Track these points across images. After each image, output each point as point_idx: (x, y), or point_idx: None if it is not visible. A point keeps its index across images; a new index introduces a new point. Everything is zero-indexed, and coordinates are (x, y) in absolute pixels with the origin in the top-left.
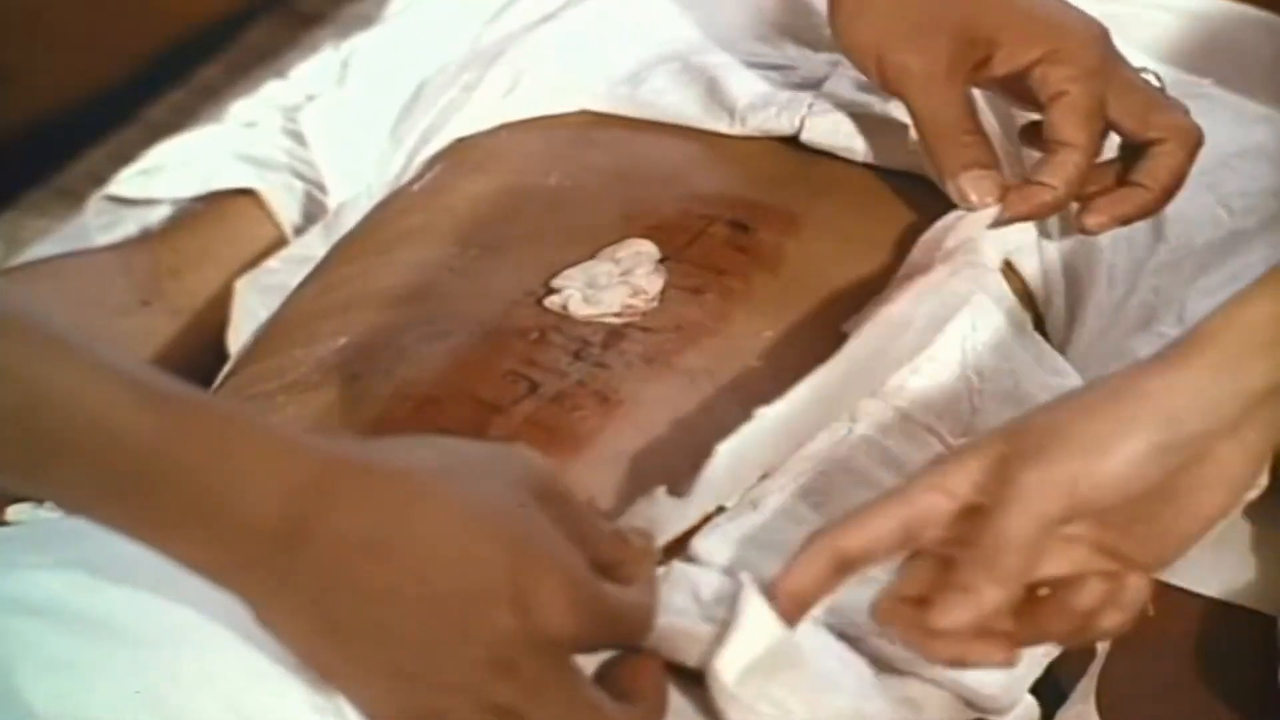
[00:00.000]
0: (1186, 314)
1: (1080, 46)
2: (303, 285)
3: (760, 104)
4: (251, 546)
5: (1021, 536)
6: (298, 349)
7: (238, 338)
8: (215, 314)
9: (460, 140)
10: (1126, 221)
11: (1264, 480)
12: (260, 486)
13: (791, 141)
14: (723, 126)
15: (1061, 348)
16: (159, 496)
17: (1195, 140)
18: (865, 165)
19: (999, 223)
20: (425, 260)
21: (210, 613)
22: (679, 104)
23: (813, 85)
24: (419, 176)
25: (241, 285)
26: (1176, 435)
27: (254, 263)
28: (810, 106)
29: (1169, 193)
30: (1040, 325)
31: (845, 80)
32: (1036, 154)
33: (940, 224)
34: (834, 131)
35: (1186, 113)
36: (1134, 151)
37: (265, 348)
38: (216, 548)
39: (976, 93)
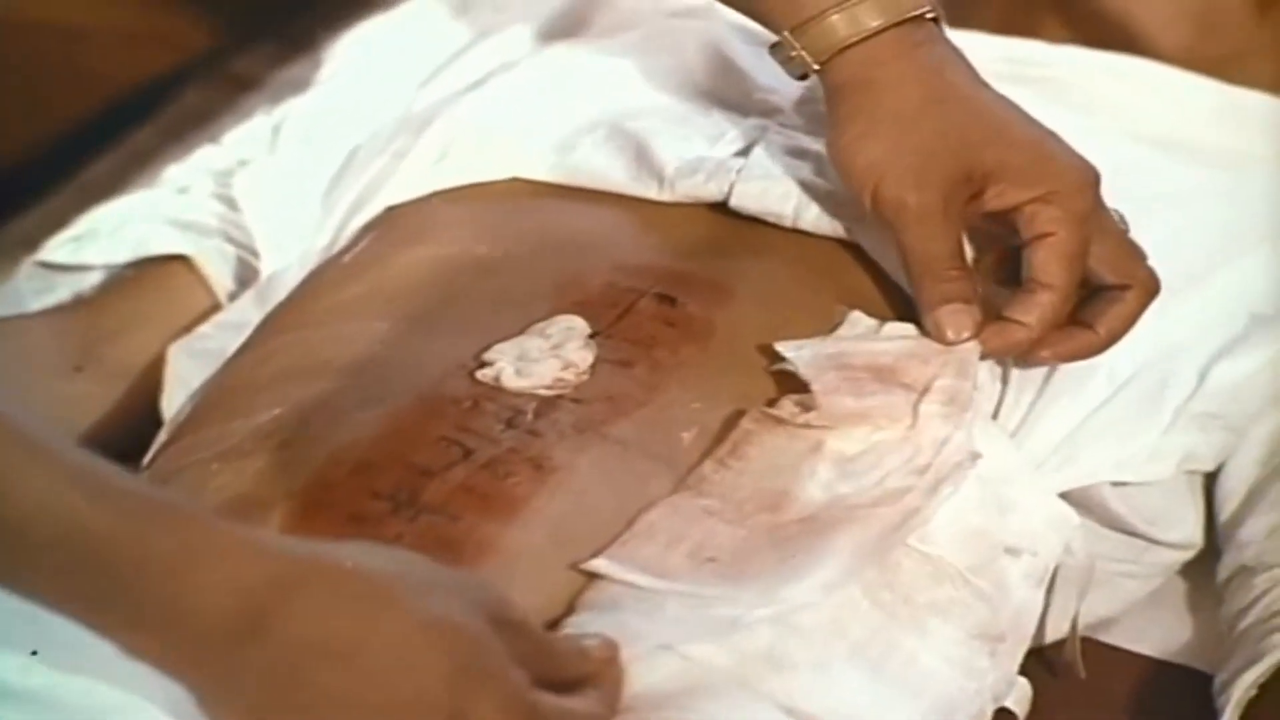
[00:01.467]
0: (1118, 376)
1: (1074, 191)
2: (238, 355)
3: (689, 170)
4: (205, 643)
5: None
6: (235, 420)
7: (171, 404)
8: (149, 380)
9: (391, 209)
10: (1068, 360)
11: (1199, 540)
12: (218, 586)
13: (721, 207)
14: (652, 193)
15: (994, 413)
16: (115, 593)
17: (1153, 292)
18: (795, 230)
19: (981, 353)
20: (359, 333)
21: (149, 696)
22: (608, 170)
23: (742, 151)
24: (351, 245)
25: (174, 351)
26: None
27: (187, 328)
28: (739, 172)
29: (1116, 339)
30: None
31: (774, 145)
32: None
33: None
34: (762, 197)
35: (1146, 259)
36: (1094, 291)
37: (202, 418)
38: (170, 643)
39: None
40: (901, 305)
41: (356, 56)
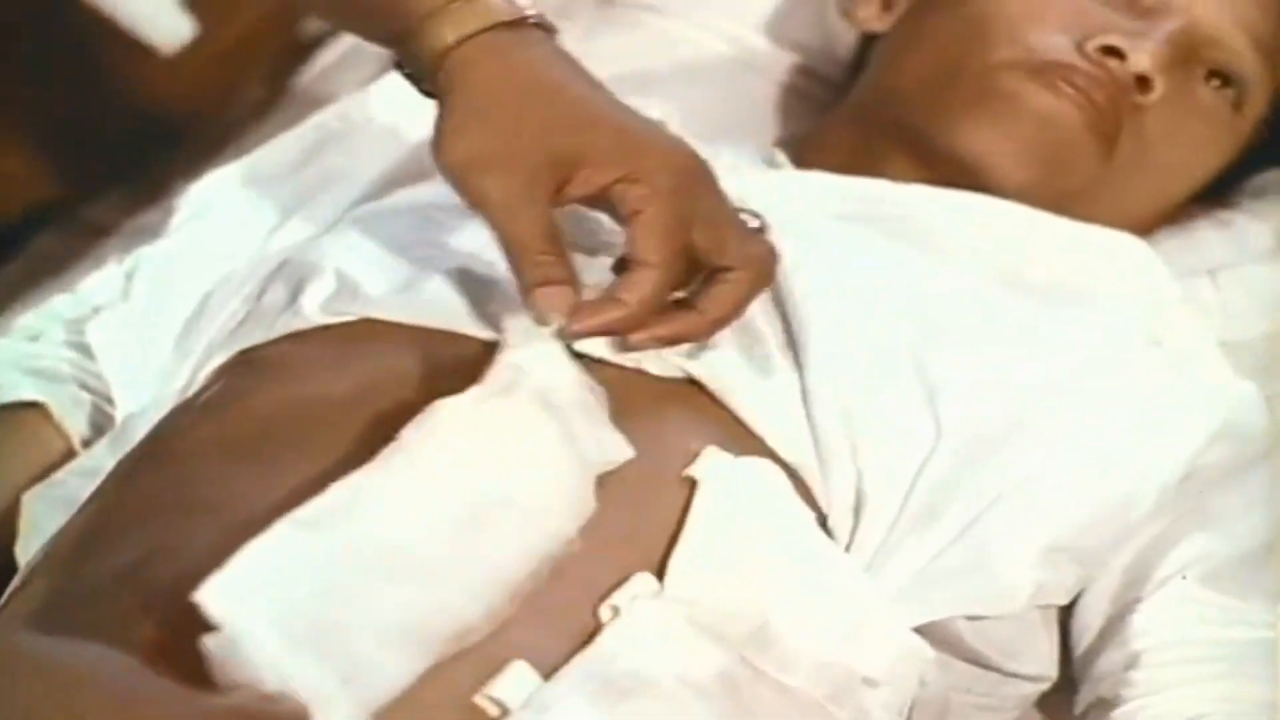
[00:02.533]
0: (969, 512)
1: (658, 168)
2: (93, 499)
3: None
4: None
5: None
6: (91, 564)
7: (26, 550)
8: (3, 528)
9: (245, 351)
10: (668, 343)
11: (1054, 672)
12: None
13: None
14: (496, 334)
15: (848, 546)
16: None
17: (763, 274)
18: (639, 371)
19: (566, 336)
20: (213, 475)
21: None
22: (456, 310)
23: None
24: (206, 388)
25: (29, 498)
26: None
27: (42, 475)
28: None
29: (721, 321)
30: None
31: None
32: None
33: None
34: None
35: (771, 250)
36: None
37: (57, 564)
38: None
39: None
40: (753, 441)
41: (208, 203)
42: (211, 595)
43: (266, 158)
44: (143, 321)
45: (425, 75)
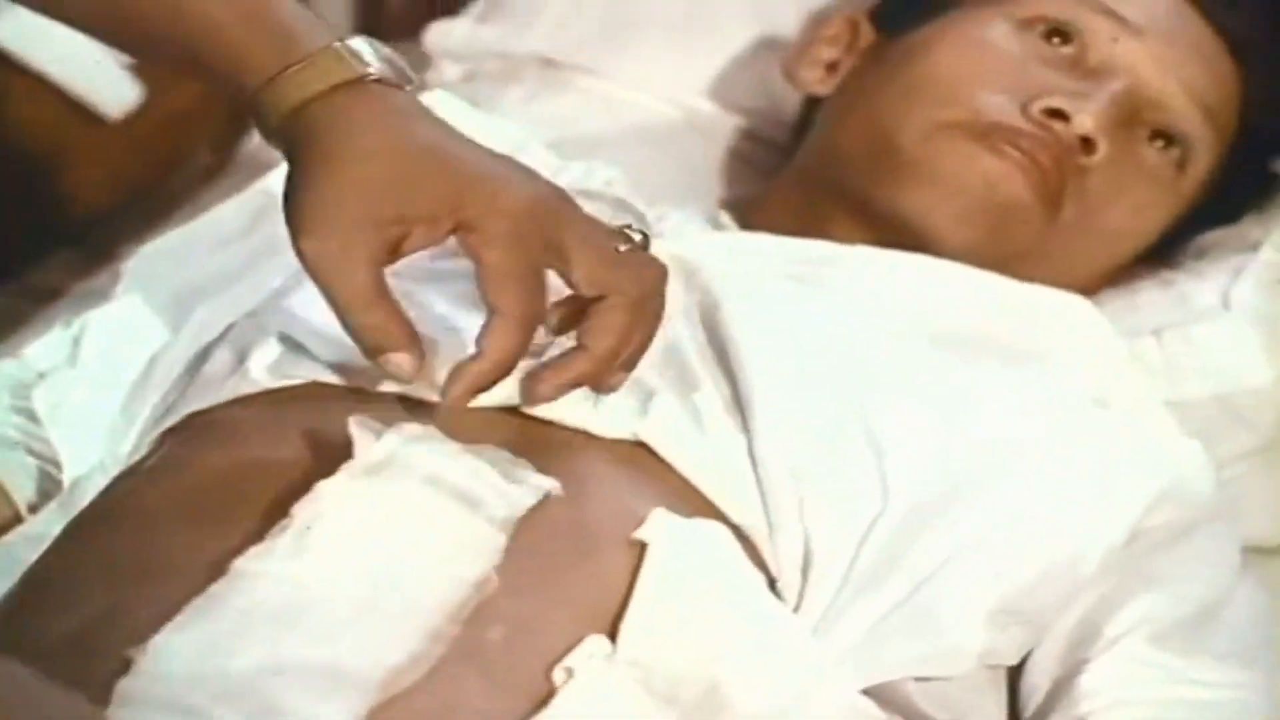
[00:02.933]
0: (917, 574)
1: (487, 213)
2: (40, 561)
3: None
4: None
5: None
6: (39, 626)
7: None
8: None
9: (193, 415)
10: (566, 389)
11: None
12: None
13: (516, 409)
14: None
15: (796, 608)
16: None
17: (635, 296)
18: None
19: (449, 404)
20: (164, 539)
21: None
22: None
23: (534, 353)
24: (153, 452)
25: None
26: None
27: None
28: (527, 375)
29: (611, 352)
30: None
31: (564, 348)
32: None
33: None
34: (555, 400)
35: (651, 263)
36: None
37: (5, 626)
38: None
39: None
40: (702, 502)
41: (155, 267)
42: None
43: (213, 222)
44: (90, 385)
45: (274, 138)
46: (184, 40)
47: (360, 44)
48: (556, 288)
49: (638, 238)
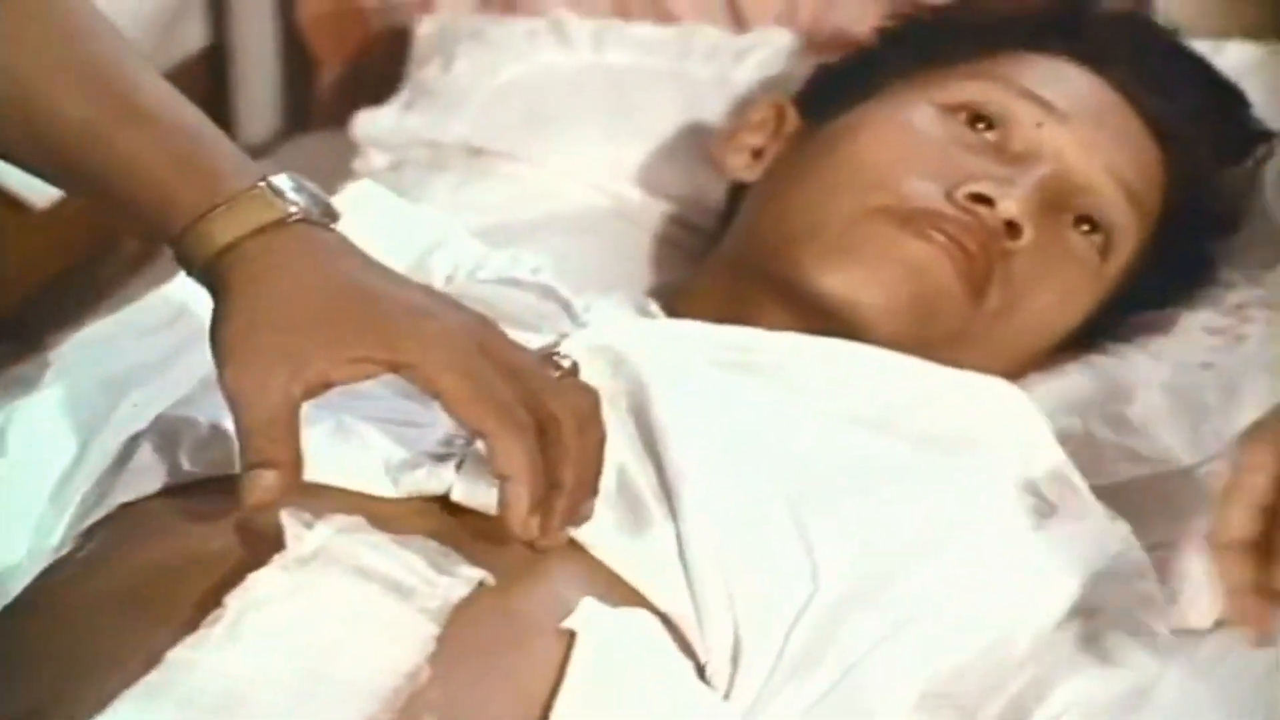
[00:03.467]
0: (846, 659)
1: (422, 346)
2: None
3: (411, 464)
4: None
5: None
6: None
7: None
8: None
9: (123, 506)
10: (565, 525)
11: None
12: None
13: (448, 500)
14: (377, 488)
15: (726, 694)
16: None
17: (584, 420)
18: None
19: (539, 547)
20: (96, 630)
21: None
22: (332, 462)
23: (465, 442)
24: (82, 544)
25: None
26: None
27: None
28: (460, 464)
29: (583, 482)
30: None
31: None
32: None
33: None
34: (484, 490)
35: (585, 391)
36: None
37: None
38: None
39: None
40: (631, 591)
41: (84, 356)
42: None
43: (142, 311)
44: (17, 476)
45: (198, 276)
46: (109, 176)
47: (284, 181)
48: None
49: (566, 363)
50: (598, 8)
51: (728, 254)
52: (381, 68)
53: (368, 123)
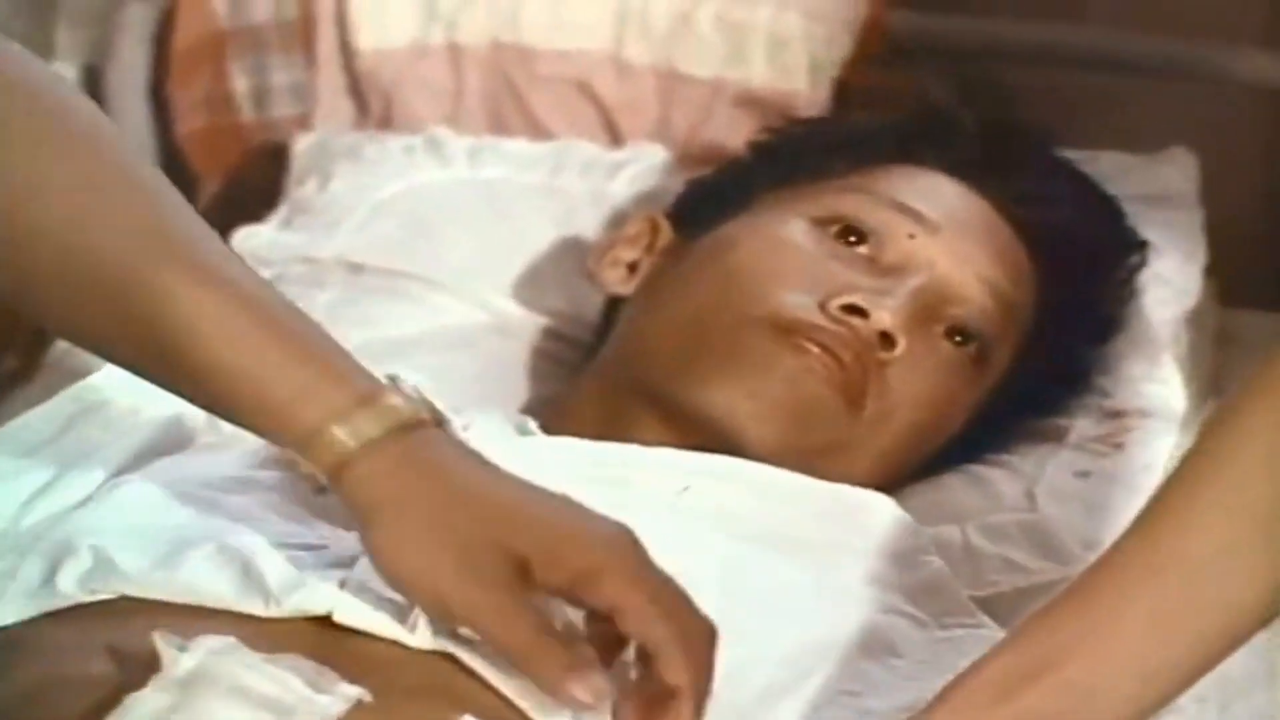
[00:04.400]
0: None
1: (610, 554)
2: None
3: (293, 584)
4: None
5: None
6: None
7: None
8: None
9: (1, 630)
10: None
11: None
12: None
13: (330, 620)
14: (258, 609)
15: None
16: None
17: (695, 646)
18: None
19: None
20: None
21: None
22: (215, 586)
23: (345, 564)
24: None
25: None
26: None
27: None
28: (342, 585)
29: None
30: None
31: None
32: None
33: None
34: (367, 611)
35: (702, 622)
36: None
37: None
38: None
39: None
40: (512, 710)
41: None
42: None
43: (21, 429)
44: None
45: (322, 479)
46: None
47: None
48: None
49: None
50: (474, 124)
51: (604, 368)
52: (260, 184)
53: (246, 239)
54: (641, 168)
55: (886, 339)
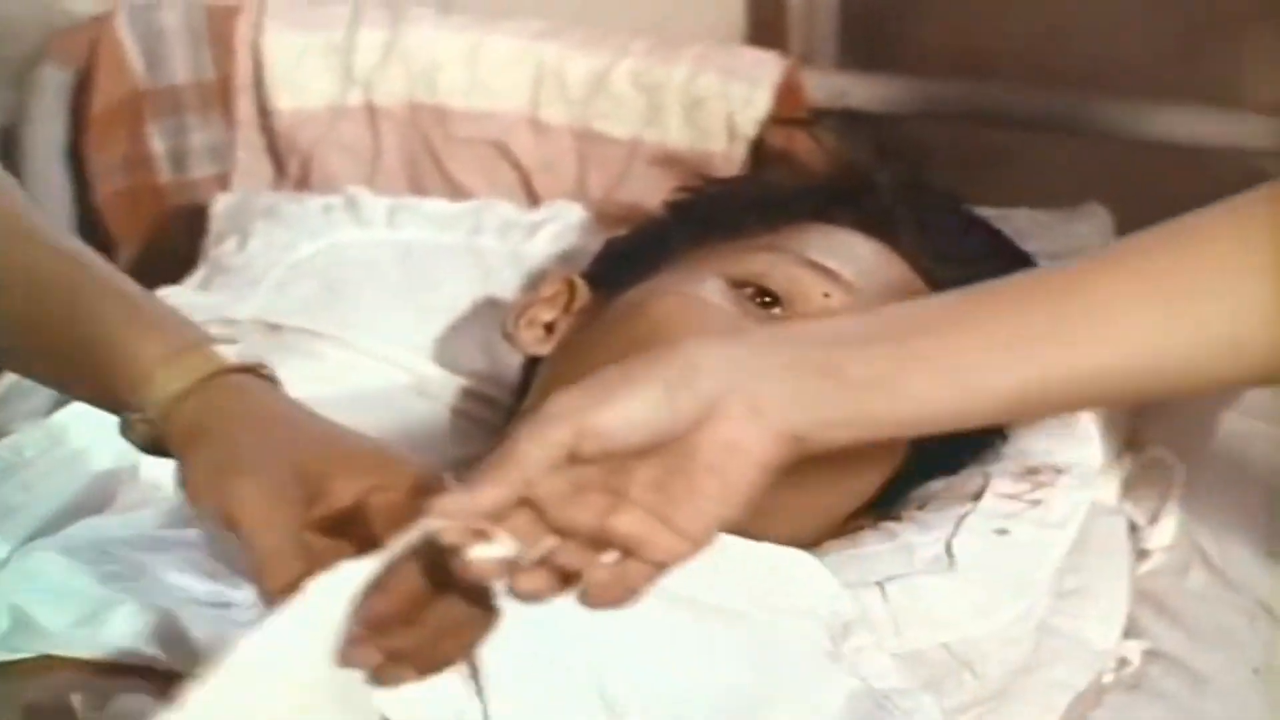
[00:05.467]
0: None
1: (404, 474)
2: None
3: (216, 643)
4: None
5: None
6: None
7: None
8: None
9: None
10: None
11: None
12: None
13: None
14: (181, 665)
15: None
16: None
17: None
18: None
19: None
20: None
21: None
22: (138, 645)
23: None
24: None
25: None
26: (689, 383)
27: None
28: None
29: None
30: None
31: None
32: None
33: None
34: None
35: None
36: None
37: None
38: None
39: None
40: None
41: None
42: None
43: None
44: None
45: (152, 429)
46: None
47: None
48: None
49: None
50: (392, 185)
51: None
52: (178, 245)
53: (165, 300)
54: (559, 227)
55: None
